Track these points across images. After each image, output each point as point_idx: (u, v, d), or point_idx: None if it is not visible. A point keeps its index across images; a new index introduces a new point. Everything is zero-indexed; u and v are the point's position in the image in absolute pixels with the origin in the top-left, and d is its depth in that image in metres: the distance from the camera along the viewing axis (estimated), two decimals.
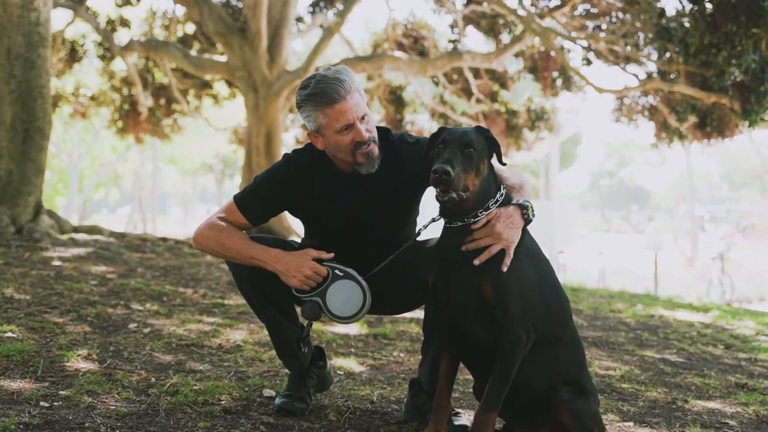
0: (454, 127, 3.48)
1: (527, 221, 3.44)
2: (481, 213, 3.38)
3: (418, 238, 3.92)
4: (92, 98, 18.95)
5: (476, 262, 3.32)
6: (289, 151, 3.93)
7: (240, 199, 3.85)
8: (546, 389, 3.46)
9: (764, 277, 26.44)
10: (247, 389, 4.27)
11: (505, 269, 3.31)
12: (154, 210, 39.03)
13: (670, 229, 52.73)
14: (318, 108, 3.64)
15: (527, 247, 3.50)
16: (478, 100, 17.84)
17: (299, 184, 3.81)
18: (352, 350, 5.47)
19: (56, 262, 7.47)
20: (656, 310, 8.60)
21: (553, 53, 15.52)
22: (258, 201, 3.85)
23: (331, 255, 3.74)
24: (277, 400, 3.97)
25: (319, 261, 3.70)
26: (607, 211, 74.60)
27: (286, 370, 4.31)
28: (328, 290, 3.68)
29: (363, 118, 3.68)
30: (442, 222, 3.50)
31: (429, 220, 3.65)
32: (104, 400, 3.83)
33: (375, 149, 3.72)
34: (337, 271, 3.68)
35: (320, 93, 3.61)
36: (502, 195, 3.45)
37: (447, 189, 3.23)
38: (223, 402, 3.99)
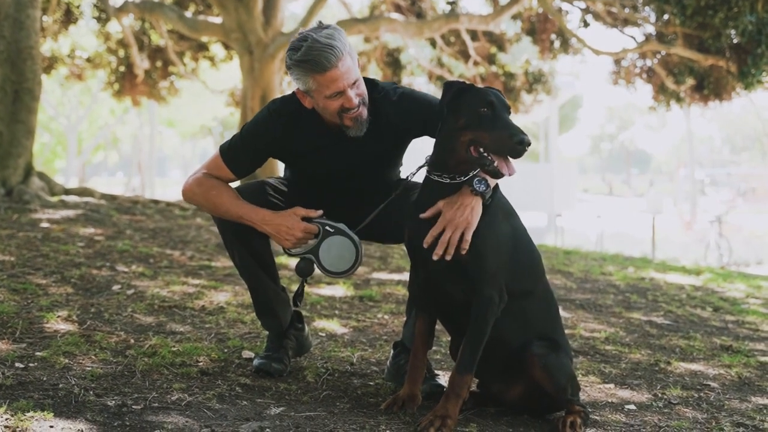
0: (468, 83, 3.41)
1: (481, 195, 3.35)
2: (460, 178, 3.38)
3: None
4: (88, 60, 18.81)
5: (447, 257, 3.30)
6: (275, 102, 3.83)
7: (226, 153, 3.79)
8: (520, 345, 3.46)
9: (763, 240, 26.45)
10: (226, 351, 4.26)
11: (463, 253, 3.29)
12: (152, 173, 38.95)
13: (670, 192, 52.70)
14: (308, 74, 3.55)
15: (502, 205, 3.48)
16: (476, 63, 17.71)
17: (285, 138, 3.76)
18: (336, 312, 5.46)
19: (44, 224, 7.45)
20: (647, 272, 8.59)
21: (551, 15, 15.39)
22: (243, 155, 3.79)
23: (320, 212, 3.72)
24: (256, 361, 3.96)
25: (308, 218, 3.69)
26: (607, 175, 74.53)
27: (266, 333, 4.30)
28: (321, 247, 3.70)
29: (354, 83, 3.60)
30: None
31: (416, 168, 3.63)
32: (80, 361, 3.82)
33: (364, 112, 3.66)
34: (327, 228, 3.70)
35: (311, 61, 3.51)
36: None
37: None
38: (200, 363, 3.98)
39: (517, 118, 21.84)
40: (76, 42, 19.88)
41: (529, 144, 3.16)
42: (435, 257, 3.32)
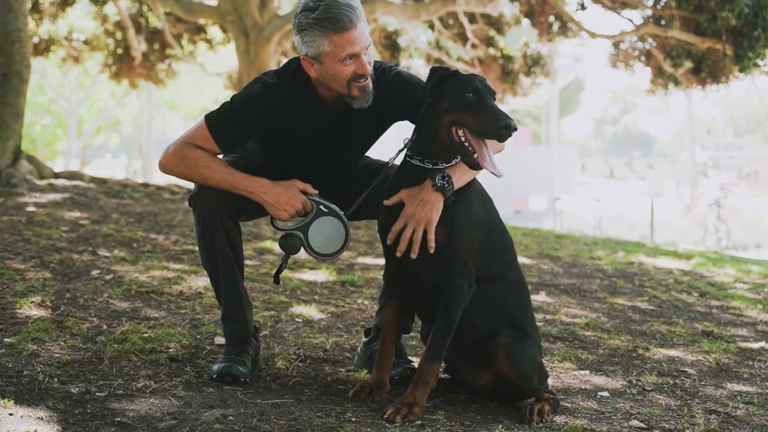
0: (453, 69, 3.39)
1: (441, 192, 3.32)
2: (443, 164, 3.35)
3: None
4: (85, 42, 18.76)
5: (413, 255, 3.32)
6: (267, 76, 3.65)
7: (214, 128, 3.61)
8: (489, 331, 3.45)
9: (762, 224, 26.38)
10: (198, 337, 4.23)
11: (430, 252, 3.31)
12: (151, 156, 38.77)
13: (673, 175, 52.58)
14: (326, 34, 3.41)
15: (476, 190, 3.46)
16: (474, 45, 17.64)
17: (280, 115, 3.61)
18: (316, 297, 5.41)
19: (30, 208, 7.42)
20: (637, 257, 8.54)
21: None
22: (233, 129, 3.61)
23: (316, 191, 3.62)
24: (215, 366, 3.63)
25: (304, 193, 3.59)
26: (610, 158, 74.37)
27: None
28: (311, 226, 3.57)
29: (367, 48, 3.50)
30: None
31: (396, 152, 3.59)
32: (49, 347, 3.80)
33: (371, 84, 3.54)
34: (321, 207, 3.58)
35: (332, 18, 3.38)
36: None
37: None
38: (171, 350, 3.95)
39: (515, 102, 21.76)
40: (74, 24, 19.82)
41: (515, 129, 3.17)
42: (398, 254, 3.33)
